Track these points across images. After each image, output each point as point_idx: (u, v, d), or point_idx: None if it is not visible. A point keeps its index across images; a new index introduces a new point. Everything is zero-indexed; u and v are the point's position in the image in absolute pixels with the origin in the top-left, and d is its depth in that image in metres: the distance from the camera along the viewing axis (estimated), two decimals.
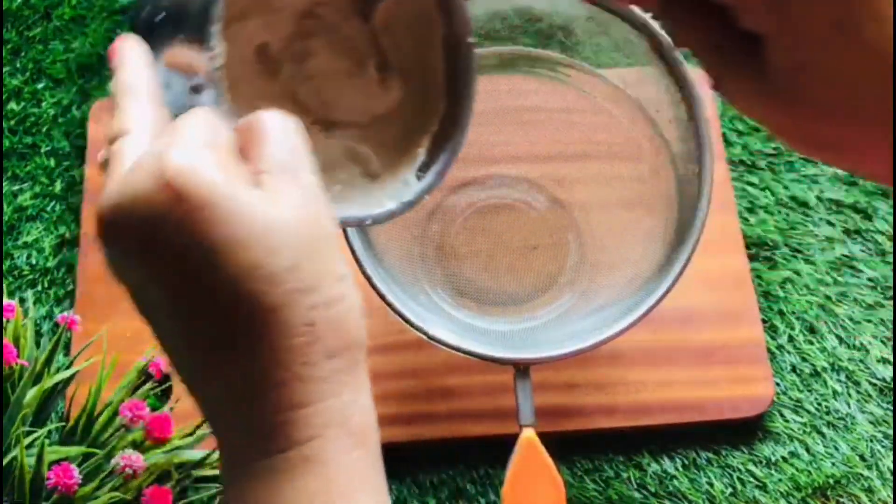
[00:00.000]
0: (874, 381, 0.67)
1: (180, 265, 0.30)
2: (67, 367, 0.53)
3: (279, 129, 0.33)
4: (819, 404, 0.66)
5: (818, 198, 0.72)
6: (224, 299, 0.30)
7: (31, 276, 0.69)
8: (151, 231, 0.30)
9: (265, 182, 0.32)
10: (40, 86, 0.75)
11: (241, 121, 0.34)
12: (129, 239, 0.31)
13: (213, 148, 0.31)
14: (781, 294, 0.69)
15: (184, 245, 0.30)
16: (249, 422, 0.32)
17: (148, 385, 0.54)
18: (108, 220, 0.31)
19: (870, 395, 0.66)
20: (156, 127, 0.34)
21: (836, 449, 0.65)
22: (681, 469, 0.64)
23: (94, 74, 0.76)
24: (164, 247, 0.30)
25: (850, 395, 0.67)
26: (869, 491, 0.63)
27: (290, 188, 0.32)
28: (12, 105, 0.75)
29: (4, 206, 0.71)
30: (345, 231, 0.56)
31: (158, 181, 0.29)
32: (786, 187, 0.73)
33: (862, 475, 0.64)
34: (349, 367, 0.33)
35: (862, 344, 0.68)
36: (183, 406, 0.59)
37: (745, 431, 0.65)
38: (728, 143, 0.74)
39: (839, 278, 0.70)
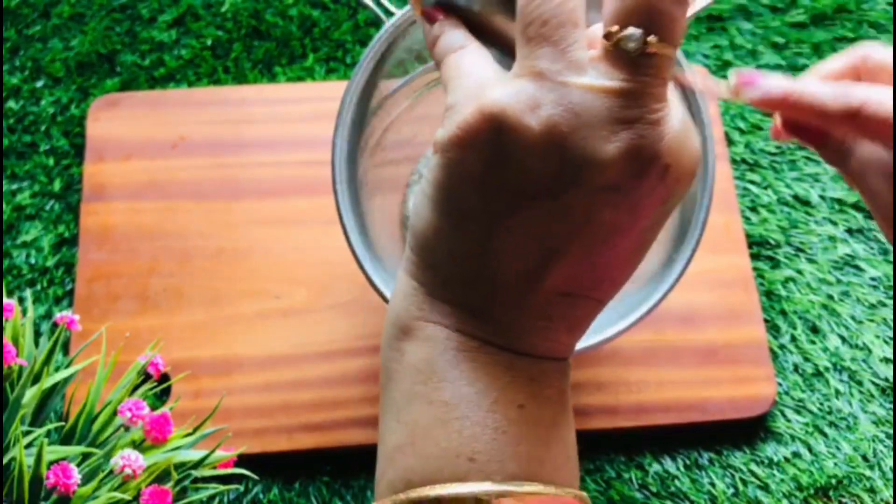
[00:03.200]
0: (877, 381, 0.67)
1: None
2: (66, 367, 0.53)
3: None
4: (821, 404, 0.66)
5: (821, 196, 0.72)
6: None
7: (29, 276, 0.69)
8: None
9: None
10: (39, 84, 0.75)
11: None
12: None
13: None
14: (784, 293, 0.69)
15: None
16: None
17: (147, 385, 0.54)
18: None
19: (872, 395, 0.66)
20: None
21: (839, 449, 0.65)
22: (682, 469, 0.64)
23: (93, 73, 0.76)
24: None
25: (852, 394, 0.66)
26: (871, 491, 0.63)
27: None
28: (11, 103, 0.74)
29: (3, 204, 0.71)
30: (345, 232, 0.56)
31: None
32: (788, 186, 0.72)
33: (864, 475, 0.64)
34: None
35: (864, 343, 0.68)
36: (182, 406, 0.59)
37: (747, 431, 0.65)
38: (730, 141, 0.74)
39: (841, 277, 0.70)
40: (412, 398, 0.32)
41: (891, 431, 0.65)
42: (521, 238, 0.31)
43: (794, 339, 0.68)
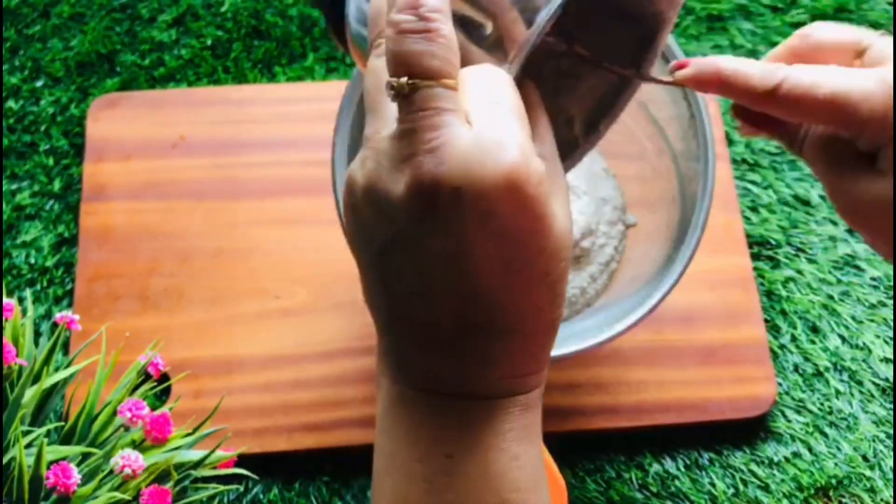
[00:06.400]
0: (877, 381, 0.67)
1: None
2: (66, 367, 0.53)
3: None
4: (821, 404, 0.66)
5: (821, 196, 0.72)
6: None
7: (29, 276, 0.69)
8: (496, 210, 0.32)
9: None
10: (39, 84, 0.75)
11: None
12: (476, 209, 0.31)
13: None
14: (784, 293, 0.69)
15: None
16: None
17: (147, 385, 0.54)
18: (453, 187, 0.31)
19: (872, 395, 0.66)
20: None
21: (839, 449, 0.65)
22: (682, 469, 0.64)
23: (93, 72, 0.75)
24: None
25: (852, 394, 0.66)
26: (871, 491, 0.63)
27: None
28: (11, 103, 0.74)
29: (3, 204, 0.71)
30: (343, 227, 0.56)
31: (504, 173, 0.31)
32: (788, 186, 0.72)
33: (864, 475, 0.64)
34: None
35: (864, 343, 0.68)
36: (182, 406, 0.58)
37: (747, 431, 0.65)
38: (730, 141, 0.74)
39: (842, 277, 0.70)
40: (376, 447, 0.36)
41: (891, 431, 0.65)
42: (397, 281, 0.33)
43: (794, 338, 0.68)
